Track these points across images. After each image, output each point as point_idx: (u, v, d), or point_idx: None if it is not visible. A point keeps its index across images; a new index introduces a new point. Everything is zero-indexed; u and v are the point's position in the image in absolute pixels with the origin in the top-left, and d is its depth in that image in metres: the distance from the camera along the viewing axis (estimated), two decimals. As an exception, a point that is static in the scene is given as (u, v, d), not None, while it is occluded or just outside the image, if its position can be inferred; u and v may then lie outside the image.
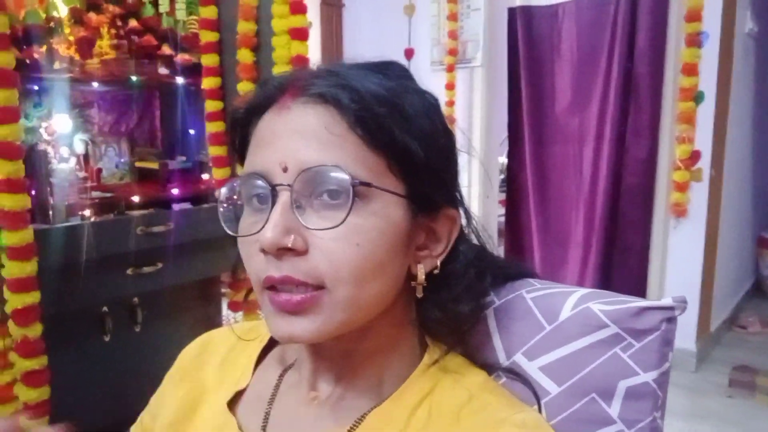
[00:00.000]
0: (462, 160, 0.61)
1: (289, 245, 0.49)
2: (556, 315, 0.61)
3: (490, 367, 0.61)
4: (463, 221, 0.60)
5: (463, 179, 0.61)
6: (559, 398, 0.59)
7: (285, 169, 0.50)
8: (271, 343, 0.68)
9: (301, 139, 0.51)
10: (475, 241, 0.62)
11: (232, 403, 0.63)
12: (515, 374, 0.61)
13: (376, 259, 0.51)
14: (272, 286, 0.51)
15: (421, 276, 0.56)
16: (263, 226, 0.50)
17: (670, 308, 0.58)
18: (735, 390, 2.88)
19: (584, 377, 0.59)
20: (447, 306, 0.57)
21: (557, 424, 0.59)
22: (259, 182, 0.52)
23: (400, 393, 0.57)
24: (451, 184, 0.58)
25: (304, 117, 0.51)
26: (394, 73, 0.56)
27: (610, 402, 0.58)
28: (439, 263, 0.57)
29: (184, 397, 0.66)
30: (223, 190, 0.56)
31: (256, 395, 0.63)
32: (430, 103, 0.56)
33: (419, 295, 0.57)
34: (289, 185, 0.50)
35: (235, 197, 0.55)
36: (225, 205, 0.56)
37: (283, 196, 0.50)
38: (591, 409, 0.59)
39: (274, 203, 0.50)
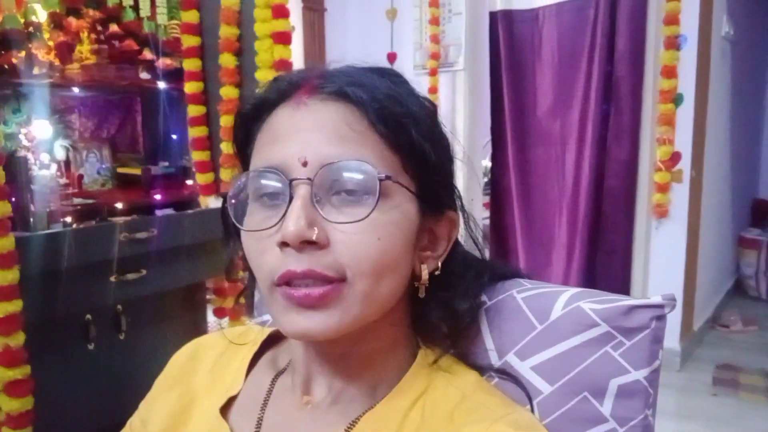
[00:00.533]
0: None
1: (313, 238, 0.49)
2: (547, 314, 0.61)
3: (482, 368, 0.61)
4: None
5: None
6: (551, 397, 0.60)
7: (305, 164, 0.50)
8: (263, 348, 0.68)
9: (321, 134, 0.51)
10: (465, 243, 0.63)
11: (225, 409, 0.63)
12: (507, 374, 0.61)
13: (394, 253, 0.52)
14: (288, 281, 0.50)
15: (425, 276, 0.57)
16: (279, 221, 0.50)
17: (660, 306, 0.59)
18: (719, 388, 2.91)
19: (576, 376, 0.59)
20: (448, 305, 0.59)
21: (550, 423, 0.59)
22: (274, 176, 0.51)
23: (393, 395, 0.57)
24: (452, 186, 0.60)
25: (324, 113, 0.52)
26: (397, 79, 0.57)
27: (602, 400, 0.59)
28: (440, 264, 0.58)
29: (175, 404, 0.66)
30: (234, 185, 0.55)
31: (249, 400, 0.63)
32: (431, 108, 0.59)
33: (422, 295, 0.58)
34: (309, 179, 0.50)
35: (242, 194, 0.55)
36: (234, 201, 0.55)
37: (302, 190, 0.50)
38: (583, 407, 0.59)
39: (291, 197, 0.50)
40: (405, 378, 0.58)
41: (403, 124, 0.53)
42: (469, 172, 3.47)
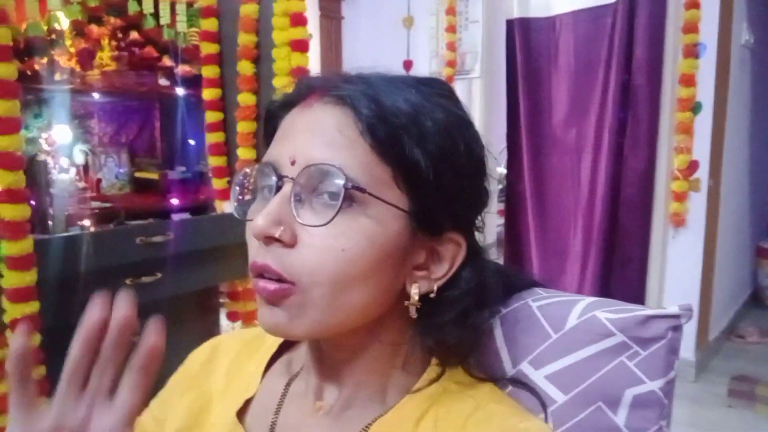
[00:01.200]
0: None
1: (276, 235, 0.50)
2: (563, 323, 0.61)
3: (496, 377, 0.61)
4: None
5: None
6: (565, 407, 0.59)
7: (293, 163, 0.52)
8: (279, 351, 0.68)
9: (312, 136, 0.52)
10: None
11: (240, 412, 0.63)
12: (521, 383, 0.60)
13: (359, 267, 0.51)
14: (258, 273, 0.52)
15: (414, 297, 0.55)
16: None
17: (676, 316, 0.58)
18: (734, 400, 2.87)
19: (590, 386, 0.59)
20: (435, 333, 0.56)
21: (564, 433, 0.59)
22: (269, 171, 0.53)
23: (405, 403, 0.57)
24: (463, 209, 0.56)
25: (322, 116, 0.53)
26: (432, 90, 0.55)
27: (617, 410, 0.58)
28: (436, 287, 0.55)
29: (191, 405, 0.66)
30: (239, 174, 0.58)
31: (263, 404, 0.63)
32: (457, 123, 0.55)
33: (413, 315, 0.55)
34: (292, 178, 0.51)
35: (247, 184, 0.57)
36: (238, 189, 0.57)
37: (286, 188, 0.52)
38: (597, 417, 0.59)
39: (277, 194, 0.52)
40: (417, 385, 0.58)
41: (394, 136, 0.51)
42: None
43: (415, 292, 0.55)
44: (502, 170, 3.87)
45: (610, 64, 3.14)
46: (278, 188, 0.52)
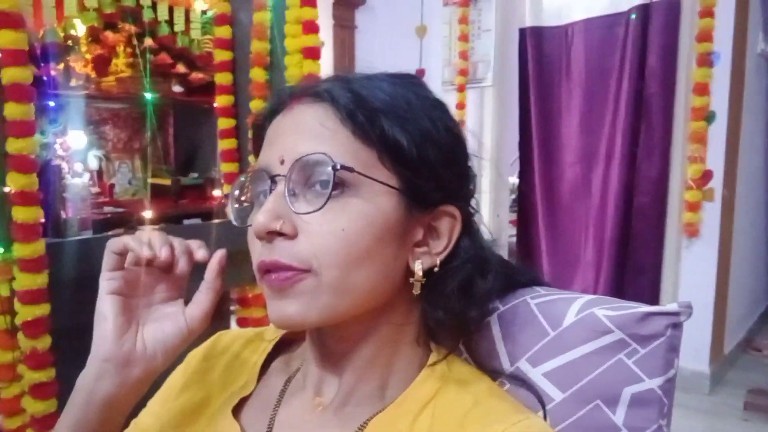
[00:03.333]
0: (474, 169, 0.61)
1: (278, 229, 0.52)
2: (561, 321, 0.61)
3: (494, 373, 0.61)
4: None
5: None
6: (563, 405, 0.59)
7: (282, 162, 0.54)
8: (278, 350, 0.69)
9: (297, 134, 0.54)
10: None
11: (237, 409, 0.64)
12: (520, 380, 0.60)
13: (362, 245, 0.52)
14: (266, 271, 0.53)
15: (419, 273, 0.56)
16: None
17: (676, 314, 0.58)
18: (751, 413, 2.83)
19: (589, 384, 0.58)
20: (444, 304, 0.57)
21: (561, 431, 0.58)
22: (261, 177, 0.56)
23: (403, 399, 0.57)
24: (452, 182, 0.58)
25: (303, 115, 0.55)
26: (404, 81, 0.59)
27: (615, 409, 0.58)
28: (438, 261, 0.57)
29: (188, 401, 0.67)
30: (235, 184, 0.60)
31: (261, 401, 0.64)
32: (431, 104, 0.58)
33: (416, 292, 0.57)
34: (284, 175, 0.53)
35: (243, 198, 0.59)
36: (235, 198, 0.59)
37: (280, 186, 0.54)
38: (595, 416, 0.58)
39: (272, 193, 0.54)
40: (415, 382, 0.58)
41: (373, 119, 0.53)
42: (497, 188, 3.46)
43: (419, 268, 0.56)
44: (514, 180, 3.86)
45: (622, 73, 3.13)
46: (271, 189, 0.54)
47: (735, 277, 3.31)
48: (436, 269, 0.57)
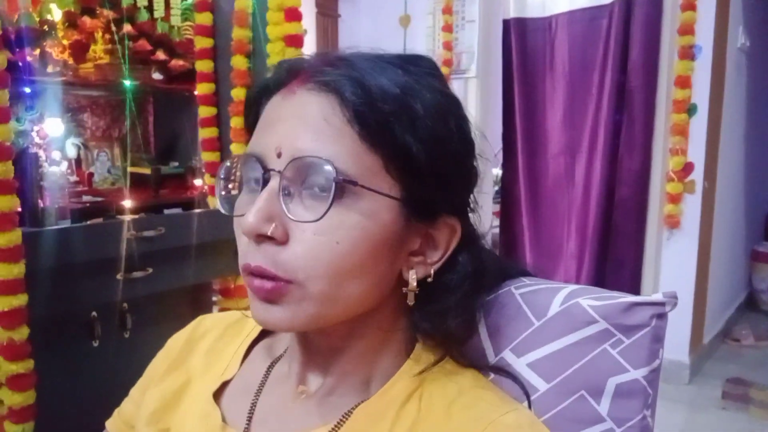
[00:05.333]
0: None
1: (269, 233, 0.49)
2: (545, 311, 0.60)
3: (479, 366, 0.60)
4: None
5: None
6: (547, 395, 0.59)
7: (279, 155, 0.50)
8: (261, 335, 0.68)
9: (298, 126, 0.50)
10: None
11: (218, 394, 0.63)
12: (504, 371, 0.60)
13: (356, 259, 0.50)
14: (252, 274, 0.51)
15: (412, 283, 0.54)
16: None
17: (661, 304, 0.58)
18: (729, 402, 2.87)
19: (573, 374, 0.58)
20: (434, 319, 0.55)
21: (545, 422, 0.58)
22: (254, 164, 0.51)
23: (388, 388, 0.56)
24: (457, 192, 0.55)
25: (306, 104, 0.50)
26: (419, 69, 0.53)
27: (600, 399, 0.57)
28: (432, 271, 0.55)
29: (169, 386, 0.66)
30: (222, 169, 0.55)
31: (243, 386, 0.63)
32: (447, 104, 0.53)
33: (410, 302, 0.54)
34: (279, 171, 0.49)
35: (232, 177, 0.55)
36: (222, 182, 0.55)
37: (273, 182, 0.50)
38: (580, 406, 0.58)
39: (264, 188, 0.50)
40: (400, 372, 0.57)
41: (383, 123, 0.49)
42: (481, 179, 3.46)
43: (413, 278, 0.54)
44: (498, 171, 3.87)
45: (605, 65, 3.14)
46: (265, 181, 0.50)
47: (714, 269, 3.35)
48: (429, 279, 0.55)
